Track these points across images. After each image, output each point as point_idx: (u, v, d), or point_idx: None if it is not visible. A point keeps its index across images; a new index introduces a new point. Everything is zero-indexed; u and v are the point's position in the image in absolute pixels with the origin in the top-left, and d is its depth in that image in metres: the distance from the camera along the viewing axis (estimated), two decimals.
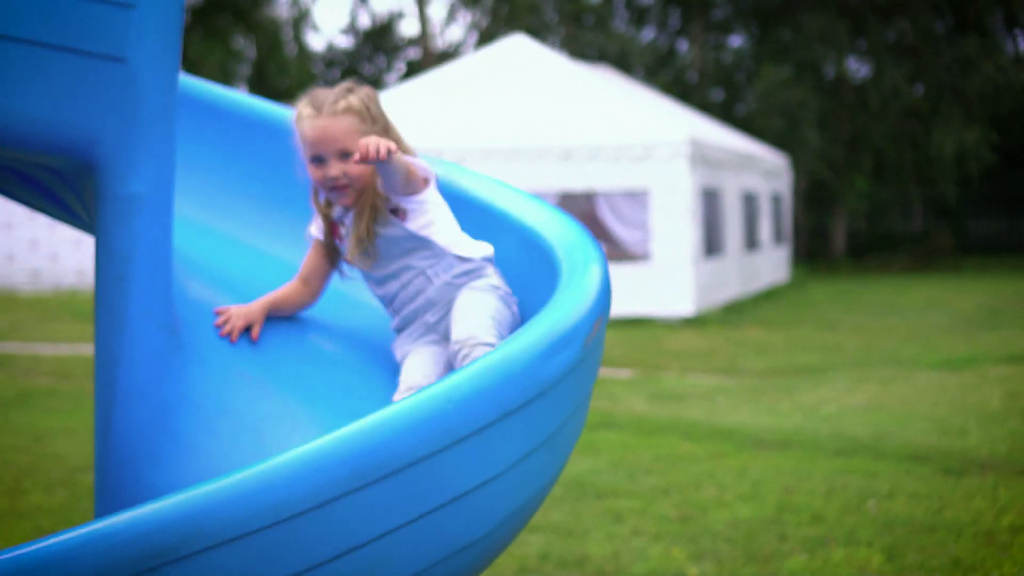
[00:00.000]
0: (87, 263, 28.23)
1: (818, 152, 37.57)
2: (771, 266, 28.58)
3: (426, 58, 43.20)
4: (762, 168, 27.85)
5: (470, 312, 3.79)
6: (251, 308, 3.91)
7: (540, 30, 41.57)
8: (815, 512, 7.87)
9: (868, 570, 6.73)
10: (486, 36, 42.65)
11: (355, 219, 3.92)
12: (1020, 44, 40.00)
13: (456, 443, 3.06)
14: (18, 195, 3.97)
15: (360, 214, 3.90)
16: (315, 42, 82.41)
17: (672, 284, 21.34)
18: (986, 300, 25.17)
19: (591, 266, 3.70)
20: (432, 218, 3.90)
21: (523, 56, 24.70)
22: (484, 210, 4.12)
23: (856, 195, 39.79)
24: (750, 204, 26.47)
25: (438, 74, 25.35)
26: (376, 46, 50.25)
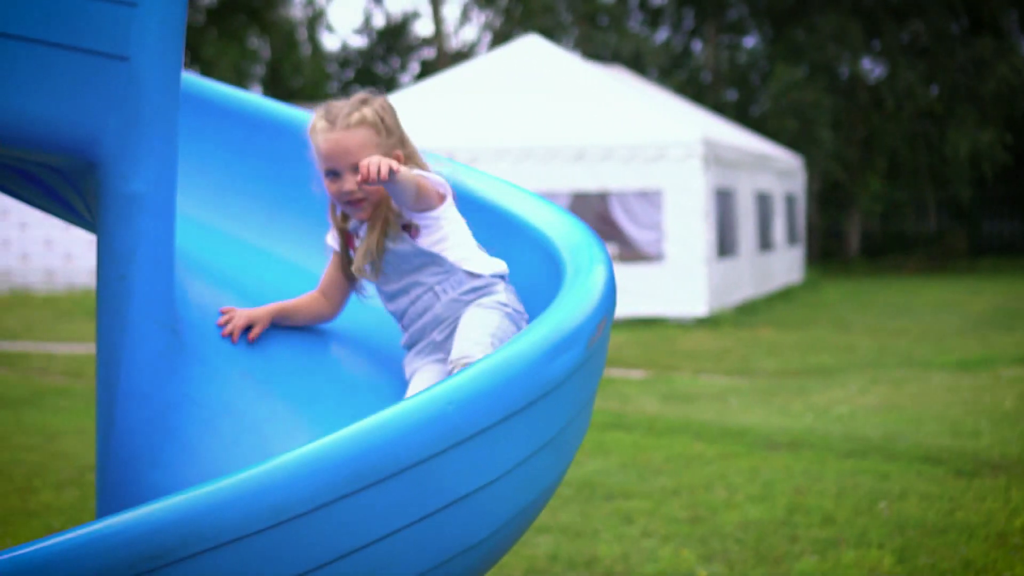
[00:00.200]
0: None
1: (832, 153, 37.48)
2: (785, 267, 28.53)
3: (440, 58, 43.20)
4: (776, 168, 27.80)
5: (470, 330, 3.74)
6: (257, 310, 3.89)
7: (554, 30, 41.54)
8: (826, 513, 7.84)
9: (879, 572, 6.70)
10: (500, 36, 42.64)
11: (367, 232, 3.87)
12: None
13: (457, 445, 3.04)
14: (21, 193, 3.96)
15: (372, 227, 3.85)
16: (329, 42, 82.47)
17: (685, 284, 21.29)
18: (1000, 301, 25.10)
19: (596, 267, 3.67)
20: (446, 234, 3.85)
21: (536, 56, 24.67)
22: (490, 210, 4.09)
23: (870, 196, 39.68)
24: (764, 204, 26.42)
25: (452, 74, 25.34)
26: (390, 46, 50.27)
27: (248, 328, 3.84)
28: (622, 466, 9.30)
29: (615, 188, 21.36)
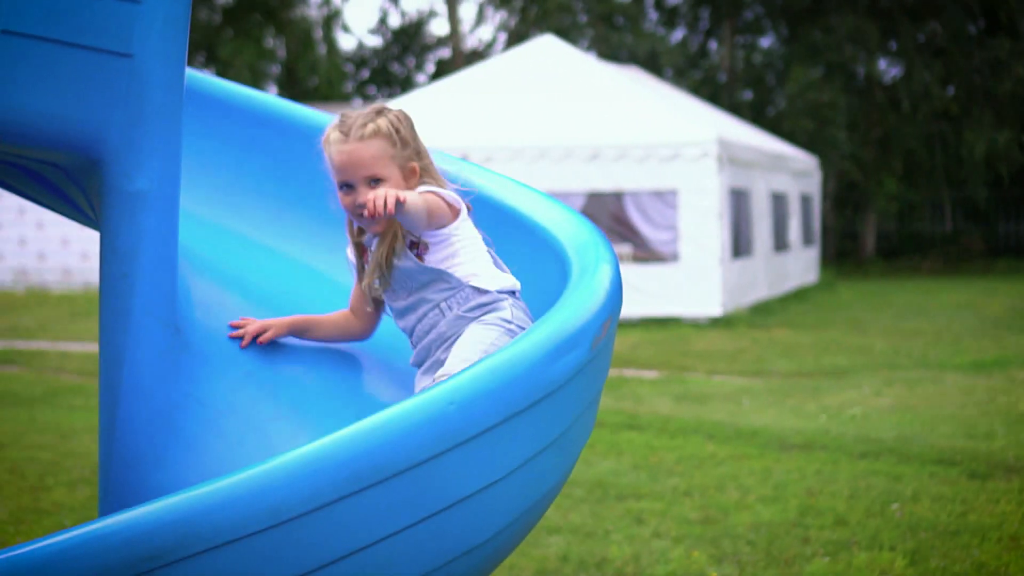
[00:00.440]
0: None
1: (848, 153, 37.39)
2: (800, 267, 28.45)
3: (455, 58, 43.19)
4: (791, 169, 27.73)
5: (462, 348, 3.66)
6: (275, 320, 3.84)
7: (570, 30, 41.50)
8: (838, 515, 7.81)
9: (891, 574, 6.67)
10: (516, 36, 42.62)
11: (376, 245, 3.80)
12: None
13: (458, 446, 3.01)
14: (25, 190, 3.95)
15: (382, 241, 3.78)
16: (345, 42, 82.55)
17: (700, 285, 21.25)
18: (1016, 302, 25.00)
19: (602, 266, 3.64)
20: (456, 250, 3.77)
21: (552, 56, 24.65)
22: (496, 209, 4.06)
23: (886, 196, 39.57)
24: (779, 205, 26.35)
25: (467, 74, 25.34)
26: (405, 46, 50.29)
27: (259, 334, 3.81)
28: (634, 467, 9.28)
29: (630, 188, 21.33)
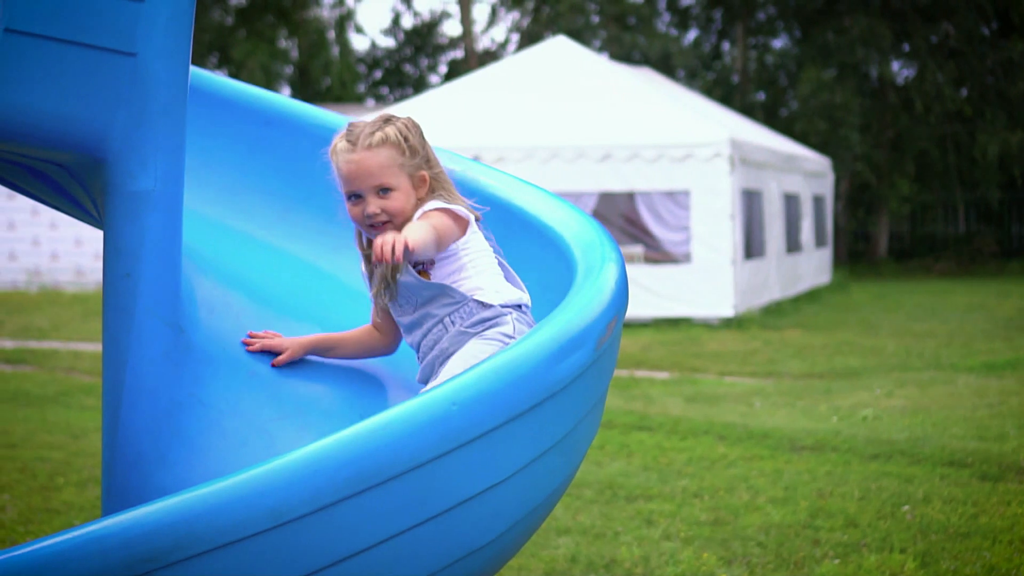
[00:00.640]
0: None
1: (861, 154, 37.32)
2: (812, 268, 28.39)
3: (468, 59, 43.18)
4: (804, 170, 27.67)
5: (455, 364, 3.60)
6: (294, 339, 3.80)
7: (583, 31, 41.48)
8: (849, 517, 7.78)
9: None
10: (528, 37, 42.60)
11: None
12: None
13: (461, 447, 2.99)
14: (29, 190, 3.94)
15: None
16: (358, 43, 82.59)
17: (712, 285, 21.21)
18: None
19: (607, 265, 3.62)
20: (463, 264, 3.71)
21: (564, 57, 24.64)
22: (502, 208, 4.04)
23: (899, 198, 39.48)
24: (792, 206, 26.30)
25: (480, 75, 25.34)
26: (418, 47, 50.30)
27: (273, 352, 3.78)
28: (644, 467, 9.25)
29: (642, 188, 21.30)
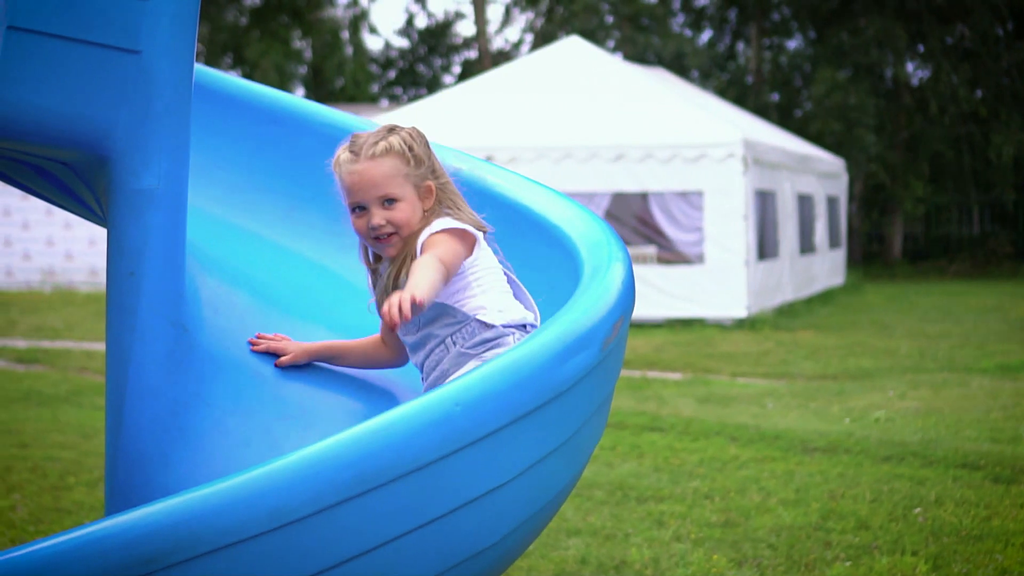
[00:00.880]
0: None
1: (875, 155, 37.25)
2: (826, 269, 28.33)
3: (482, 59, 43.18)
4: (818, 170, 27.62)
5: None
6: (300, 343, 3.77)
7: (596, 31, 41.47)
8: (860, 519, 7.75)
9: None
10: (543, 38, 42.60)
11: (387, 269, 3.69)
12: None
13: (464, 448, 2.97)
14: (33, 187, 3.93)
15: (393, 263, 3.65)
16: (372, 43, 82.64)
17: (725, 286, 21.18)
18: None
19: (614, 265, 3.59)
20: (469, 282, 3.64)
21: (577, 58, 24.63)
22: (509, 207, 4.02)
23: (913, 199, 39.40)
24: (805, 207, 26.25)
25: (493, 75, 25.34)
26: (432, 47, 50.33)
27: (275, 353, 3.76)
28: (655, 468, 9.23)
29: (655, 189, 21.28)
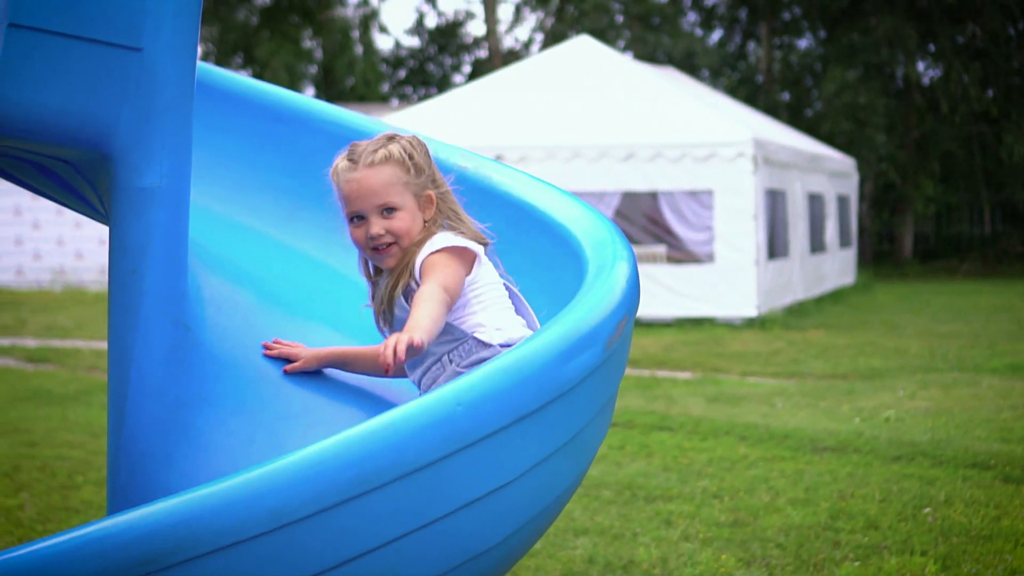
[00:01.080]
0: None
1: (886, 155, 37.21)
2: (836, 269, 28.29)
3: (492, 58, 43.17)
4: (828, 170, 27.58)
5: None
6: (308, 351, 3.75)
7: (607, 31, 41.45)
8: (870, 519, 7.72)
9: None
10: (553, 37, 42.60)
11: (385, 280, 3.64)
12: None
13: (466, 448, 2.94)
14: (35, 185, 3.92)
15: (391, 275, 3.60)
16: (382, 43, 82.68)
17: (735, 285, 21.15)
18: None
19: (619, 264, 3.57)
20: (468, 299, 3.60)
21: (588, 57, 24.62)
22: (513, 205, 4.00)
23: (924, 198, 39.35)
24: (816, 206, 26.21)
25: (503, 74, 25.34)
26: (442, 46, 50.35)
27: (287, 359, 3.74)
28: (664, 468, 9.21)
29: (665, 188, 21.26)
